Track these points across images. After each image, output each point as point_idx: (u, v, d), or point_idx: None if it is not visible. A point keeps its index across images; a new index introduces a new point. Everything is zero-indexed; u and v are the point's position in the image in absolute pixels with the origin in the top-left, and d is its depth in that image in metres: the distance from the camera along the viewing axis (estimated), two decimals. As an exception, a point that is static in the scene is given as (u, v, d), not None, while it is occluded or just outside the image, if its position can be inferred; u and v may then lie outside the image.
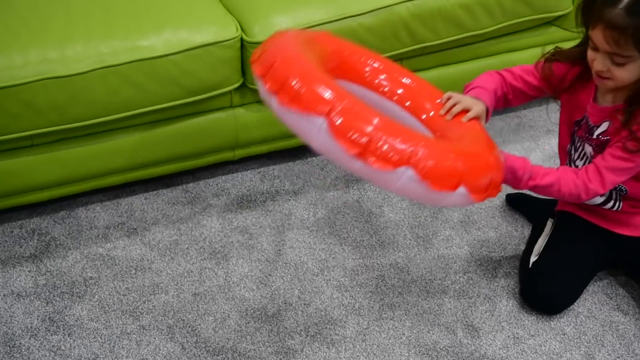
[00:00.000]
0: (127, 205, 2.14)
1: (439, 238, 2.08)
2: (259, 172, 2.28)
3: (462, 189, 1.50)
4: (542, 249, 1.92)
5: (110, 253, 2.00)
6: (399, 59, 2.21)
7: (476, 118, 1.73)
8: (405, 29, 2.13)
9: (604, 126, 1.76)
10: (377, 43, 2.12)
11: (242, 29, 2.02)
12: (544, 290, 1.86)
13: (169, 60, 1.94)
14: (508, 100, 1.88)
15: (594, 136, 1.79)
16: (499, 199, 2.19)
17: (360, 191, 2.22)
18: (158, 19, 1.98)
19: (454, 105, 1.73)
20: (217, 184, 2.23)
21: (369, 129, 1.42)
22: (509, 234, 2.09)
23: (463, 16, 2.18)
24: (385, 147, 1.42)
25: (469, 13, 2.19)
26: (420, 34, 2.16)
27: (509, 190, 2.22)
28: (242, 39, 2.01)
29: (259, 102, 2.16)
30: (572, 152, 1.89)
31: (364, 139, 1.42)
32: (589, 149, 1.82)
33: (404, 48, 2.17)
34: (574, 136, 1.87)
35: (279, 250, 2.02)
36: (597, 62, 1.64)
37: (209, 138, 2.14)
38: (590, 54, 1.66)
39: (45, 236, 2.04)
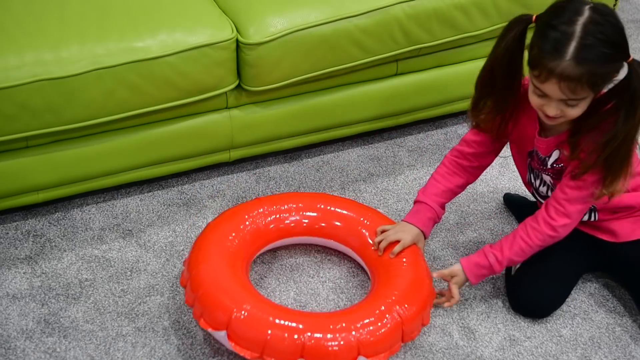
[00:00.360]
0: (123, 207, 2.14)
1: (434, 239, 2.07)
2: (255, 174, 2.28)
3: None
4: None
5: (106, 255, 2.00)
6: (394, 60, 2.22)
7: (413, 246, 1.83)
8: (400, 30, 2.13)
9: (554, 155, 1.75)
10: (373, 44, 2.12)
11: (237, 30, 2.02)
12: (525, 297, 1.86)
13: (164, 62, 1.94)
14: (474, 173, 1.92)
15: (548, 166, 1.78)
16: (495, 200, 2.20)
17: (357, 192, 2.22)
18: (153, 20, 1.97)
19: (382, 241, 1.84)
20: (212, 186, 2.23)
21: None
22: (504, 235, 2.09)
23: (459, 17, 2.18)
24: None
25: (464, 14, 2.19)
26: (416, 35, 2.16)
27: (507, 189, 2.22)
28: (237, 40, 2.01)
29: (255, 103, 2.15)
30: (533, 180, 1.87)
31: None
32: (547, 178, 1.82)
33: (399, 49, 2.17)
34: (530, 166, 1.86)
35: (275, 252, 2.02)
36: (550, 108, 1.60)
37: (205, 139, 2.14)
38: (537, 100, 1.61)
39: (41, 238, 2.04)
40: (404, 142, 2.40)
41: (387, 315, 1.67)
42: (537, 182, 1.86)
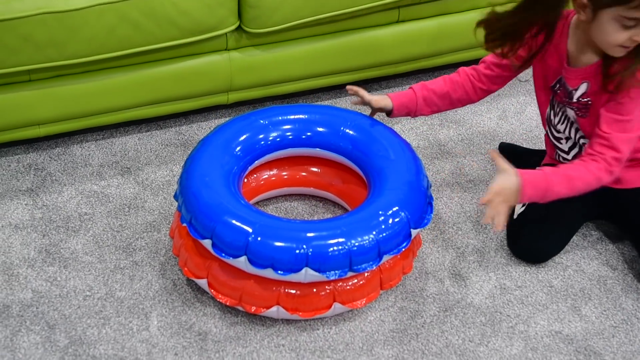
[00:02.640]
0: (121, 145, 2.15)
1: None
2: (254, 117, 2.29)
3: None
4: None
5: (105, 190, 2.02)
6: (396, 6, 2.21)
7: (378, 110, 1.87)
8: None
9: (582, 88, 1.76)
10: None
11: (240, -29, 2.02)
12: (528, 241, 1.89)
13: (167, -1, 1.94)
14: (480, 95, 1.91)
15: (574, 99, 1.78)
16: (492, 147, 2.21)
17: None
18: (158, -43, 1.97)
19: (358, 92, 1.88)
20: (209, 128, 2.24)
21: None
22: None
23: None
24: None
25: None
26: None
27: (503, 140, 2.24)
28: (240, -19, 2.01)
29: (254, 46, 2.16)
30: (552, 117, 1.88)
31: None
32: (571, 113, 1.82)
33: (401, -5, 2.16)
34: (552, 102, 1.86)
35: (269, 199, 2.04)
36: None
37: (203, 81, 2.14)
38: (625, 33, 1.61)
39: (42, 171, 2.05)
40: (403, 92, 2.41)
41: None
42: (557, 119, 1.86)
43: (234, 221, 1.61)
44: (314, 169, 1.97)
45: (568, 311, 1.81)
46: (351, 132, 1.85)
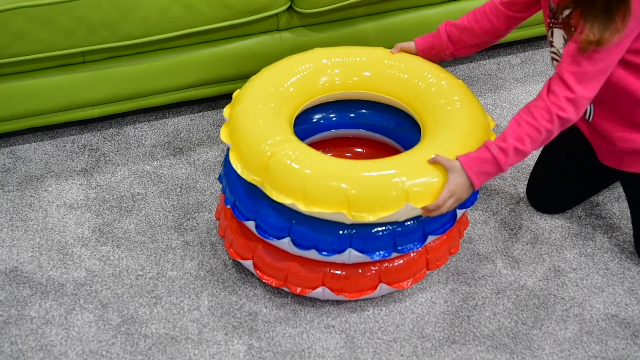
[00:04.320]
0: (174, 126, 2.17)
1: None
2: (305, 98, 2.28)
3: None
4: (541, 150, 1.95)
5: (157, 171, 2.04)
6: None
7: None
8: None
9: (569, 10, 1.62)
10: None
11: (293, -49, 2.01)
12: (539, 192, 1.93)
13: (219, -20, 1.94)
14: (507, 24, 1.80)
15: (560, 20, 1.65)
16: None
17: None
18: (209, -62, 1.97)
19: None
20: (263, 108, 2.24)
21: None
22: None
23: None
24: None
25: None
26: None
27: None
28: (292, -40, 2.00)
29: (306, 26, 2.15)
30: (550, 47, 1.76)
31: None
32: (560, 33, 1.68)
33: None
34: (548, 27, 1.73)
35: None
36: None
37: (255, 61, 2.14)
38: None
39: (96, 152, 2.09)
40: (454, 71, 2.38)
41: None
42: (551, 48, 1.75)
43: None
44: (359, 150, 1.96)
45: (625, 294, 1.77)
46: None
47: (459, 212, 1.68)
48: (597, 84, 1.58)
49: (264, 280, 1.71)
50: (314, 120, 1.86)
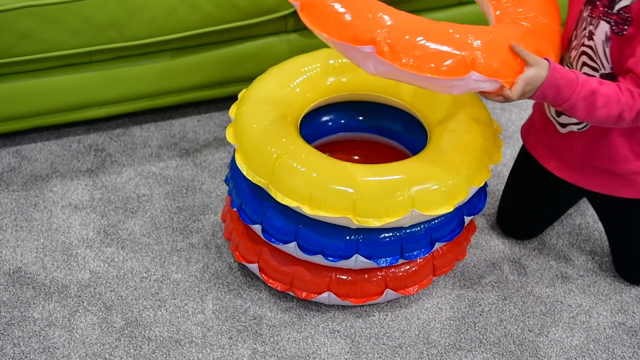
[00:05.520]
0: (180, 127, 2.17)
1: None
2: (313, 100, 2.27)
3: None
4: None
5: (163, 172, 2.03)
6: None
7: None
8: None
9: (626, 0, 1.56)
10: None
11: (302, -48, 1.99)
12: (506, 222, 1.90)
13: (227, -19, 1.94)
14: None
15: (615, 10, 1.57)
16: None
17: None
18: (218, -62, 1.96)
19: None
20: (270, 110, 2.23)
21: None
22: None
23: None
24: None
25: None
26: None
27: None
28: (301, -38, 1.99)
29: (316, 28, 2.14)
30: (572, 39, 1.67)
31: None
32: (605, 29, 1.57)
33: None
34: (580, 18, 1.64)
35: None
36: None
37: (263, 62, 2.13)
38: None
39: (102, 152, 2.08)
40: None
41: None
42: (575, 42, 1.65)
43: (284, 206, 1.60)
44: (365, 153, 1.94)
45: (632, 302, 1.76)
46: None
47: (467, 219, 1.67)
48: None
49: (269, 284, 1.70)
50: (322, 121, 1.85)
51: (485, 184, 1.75)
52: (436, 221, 1.62)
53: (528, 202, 1.85)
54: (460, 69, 1.40)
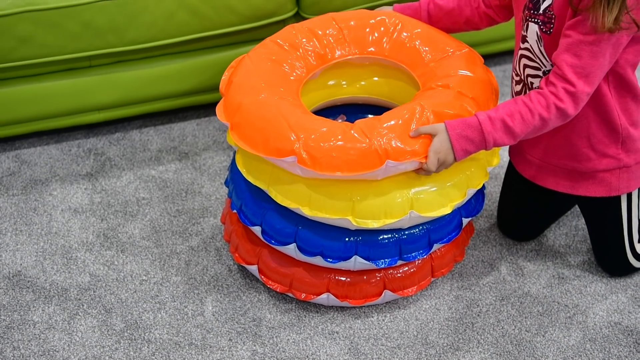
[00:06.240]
0: (180, 131, 2.18)
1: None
2: (311, 103, 2.28)
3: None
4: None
5: (162, 176, 2.04)
6: None
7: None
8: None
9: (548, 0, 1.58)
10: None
11: (299, -44, 2.01)
12: (504, 224, 1.91)
13: (225, -15, 1.95)
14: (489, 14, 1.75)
15: (540, 11, 1.58)
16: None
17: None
18: (216, -57, 1.97)
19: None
20: (268, 113, 2.24)
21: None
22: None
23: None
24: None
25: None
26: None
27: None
28: (298, -33, 2.00)
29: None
30: (522, 43, 1.66)
31: None
32: (534, 30, 1.60)
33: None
34: (522, 21, 1.64)
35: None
36: None
37: (262, 67, 2.14)
38: None
39: (101, 156, 2.09)
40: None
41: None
42: (518, 44, 1.68)
43: (283, 208, 1.61)
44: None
45: (628, 302, 1.77)
46: None
47: (465, 221, 1.68)
48: (596, 80, 1.53)
49: (268, 286, 1.71)
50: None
51: (483, 186, 1.76)
52: (435, 223, 1.63)
53: (521, 205, 1.86)
54: (375, 161, 1.48)
